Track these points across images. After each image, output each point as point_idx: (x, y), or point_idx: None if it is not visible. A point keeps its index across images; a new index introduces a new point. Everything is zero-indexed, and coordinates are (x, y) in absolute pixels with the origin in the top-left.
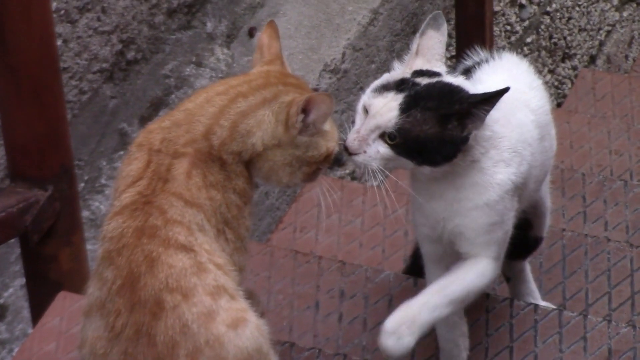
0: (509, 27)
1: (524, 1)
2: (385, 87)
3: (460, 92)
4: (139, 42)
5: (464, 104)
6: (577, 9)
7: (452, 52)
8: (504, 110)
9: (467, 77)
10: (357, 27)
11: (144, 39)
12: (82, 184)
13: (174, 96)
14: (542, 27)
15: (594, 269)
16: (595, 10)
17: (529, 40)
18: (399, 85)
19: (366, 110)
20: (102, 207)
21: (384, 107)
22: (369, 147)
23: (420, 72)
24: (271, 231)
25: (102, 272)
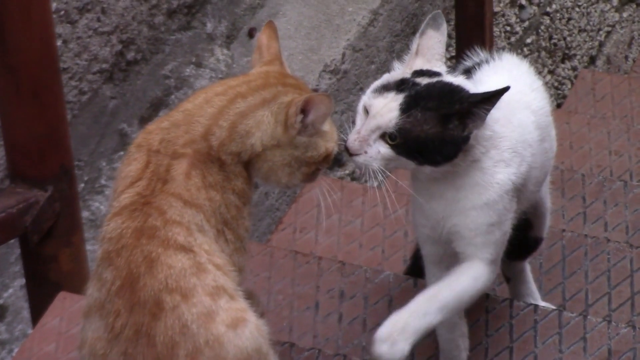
0: (508, 28)
1: (523, 2)
2: (385, 88)
3: (460, 92)
4: (138, 42)
5: (464, 104)
6: (577, 9)
7: (452, 52)
8: (505, 110)
9: (467, 78)
10: (357, 28)
11: (143, 40)
12: (82, 185)
13: (173, 97)
14: (542, 27)
15: (594, 269)
16: (595, 11)
17: (528, 40)
18: (399, 85)
19: (367, 110)
20: (102, 207)
21: (384, 108)
22: (369, 147)
23: (420, 72)
24: (271, 232)
25: (102, 273)
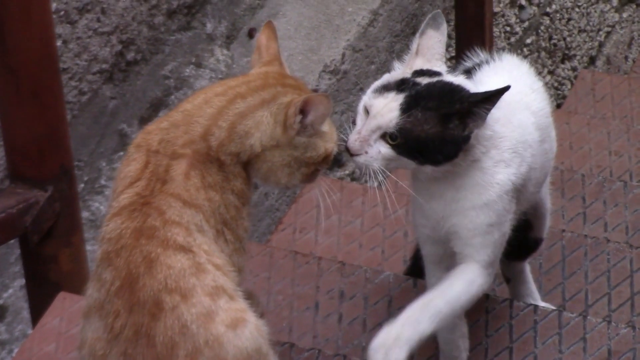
0: (508, 28)
1: (523, 2)
2: (385, 88)
3: (461, 91)
4: (138, 42)
5: (464, 103)
6: (576, 10)
7: (452, 53)
8: (505, 110)
9: (468, 79)
10: (356, 28)
11: (143, 40)
12: (82, 185)
13: (173, 97)
14: (542, 28)
15: (594, 269)
16: (594, 11)
17: (528, 41)
18: (400, 85)
19: (367, 110)
20: (101, 207)
21: (384, 108)
22: (370, 147)
23: (420, 72)
24: (271, 232)
25: (101, 274)
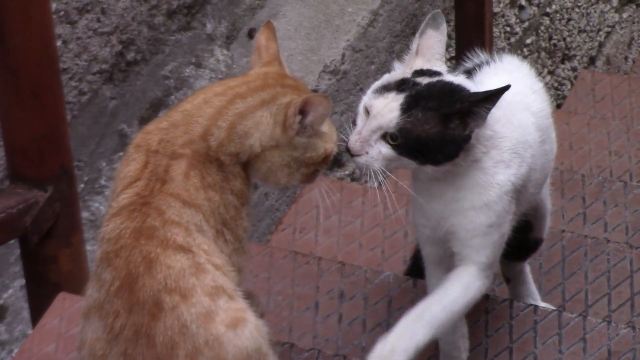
0: (508, 29)
1: (523, 2)
2: (386, 88)
3: (461, 91)
4: (138, 43)
5: (465, 103)
6: (576, 10)
7: (452, 53)
8: (505, 110)
9: (468, 79)
10: (356, 28)
11: (143, 40)
12: (82, 185)
13: (173, 97)
14: (542, 28)
15: (594, 270)
16: (594, 11)
17: (528, 41)
18: (400, 85)
19: (367, 111)
20: (101, 208)
21: (385, 108)
22: (371, 148)
23: (420, 72)
24: (271, 232)
25: (101, 274)
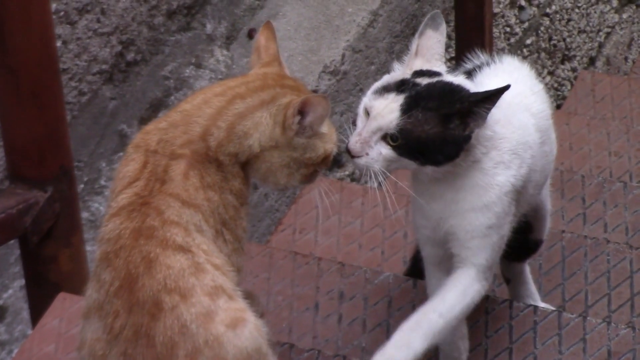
0: (508, 29)
1: (523, 3)
2: (385, 89)
3: (461, 91)
4: (138, 43)
5: (465, 103)
6: (576, 10)
7: (452, 53)
8: (505, 111)
9: (468, 80)
10: (356, 29)
11: (143, 41)
12: (82, 185)
13: (173, 97)
14: (542, 28)
15: (594, 270)
16: (594, 12)
17: (528, 41)
18: (400, 86)
19: (367, 112)
20: (101, 208)
21: (385, 109)
22: (371, 149)
23: (420, 73)
24: (271, 233)
25: (100, 274)
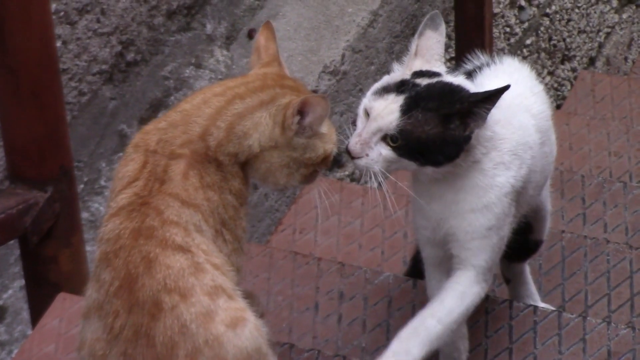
0: (508, 29)
1: (523, 3)
2: (385, 89)
3: (460, 92)
4: (138, 43)
5: (465, 103)
6: (576, 10)
7: (452, 54)
8: (505, 112)
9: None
10: (356, 29)
11: (143, 41)
12: (82, 186)
13: (173, 98)
14: (542, 29)
15: (594, 270)
16: (594, 12)
17: (528, 42)
18: (399, 86)
19: (367, 113)
20: (101, 208)
21: (385, 110)
22: (371, 150)
23: (420, 73)
24: (270, 233)
25: (100, 274)
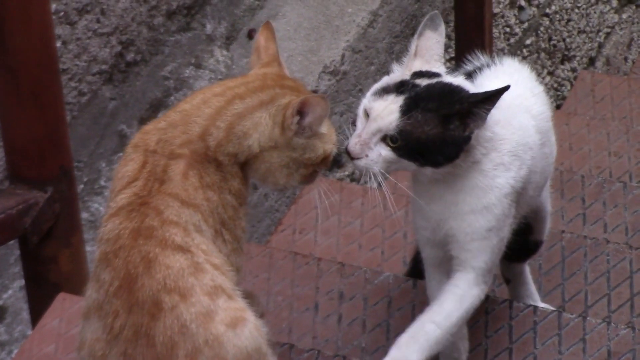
0: (508, 29)
1: (523, 3)
2: (385, 90)
3: (460, 92)
4: (138, 43)
5: (464, 104)
6: (576, 11)
7: (452, 54)
8: (505, 112)
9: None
10: (356, 29)
11: (143, 41)
12: (82, 186)
13: (173, 98)
14: (542, 29)
15: (594, 270)
16: (594, 12)
17: (528, 42)
18: (399, 87)
19: (367, 113)
20: (101, 208)
21: (384, 110)
22: (370, 150)
23: (419, 74)
24: (270, 233)
25: (99, 274)
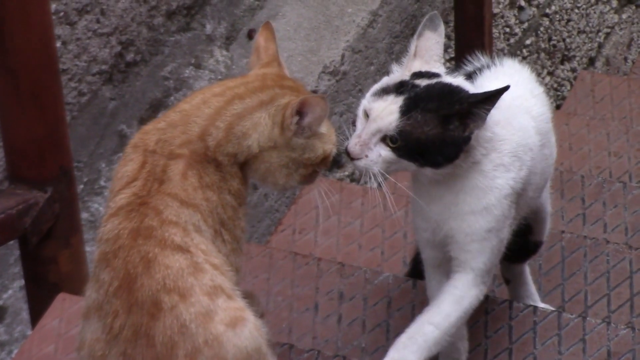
0: (508, 29)
1: (523, 3)
2: (384, 91)
3: (460, 92)
4: (138, 44)
5: (464, 104)
6: (576, 11)
7: (451, 54)
8: (505, 113)
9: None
10: (356, 29)
11: (143, 41)
12: (82, 186)
13: (173, 98)
14: (542, 29)
15: (593, 270)
16: (594, 12)
17: (528, 42)
18: (399, 87)
19: (367, 114)
20: (101, 208)
21: (384, 111)
22: (370, 151)
23: (419, 74)
24: (270, 233)
25: (99, 274)
